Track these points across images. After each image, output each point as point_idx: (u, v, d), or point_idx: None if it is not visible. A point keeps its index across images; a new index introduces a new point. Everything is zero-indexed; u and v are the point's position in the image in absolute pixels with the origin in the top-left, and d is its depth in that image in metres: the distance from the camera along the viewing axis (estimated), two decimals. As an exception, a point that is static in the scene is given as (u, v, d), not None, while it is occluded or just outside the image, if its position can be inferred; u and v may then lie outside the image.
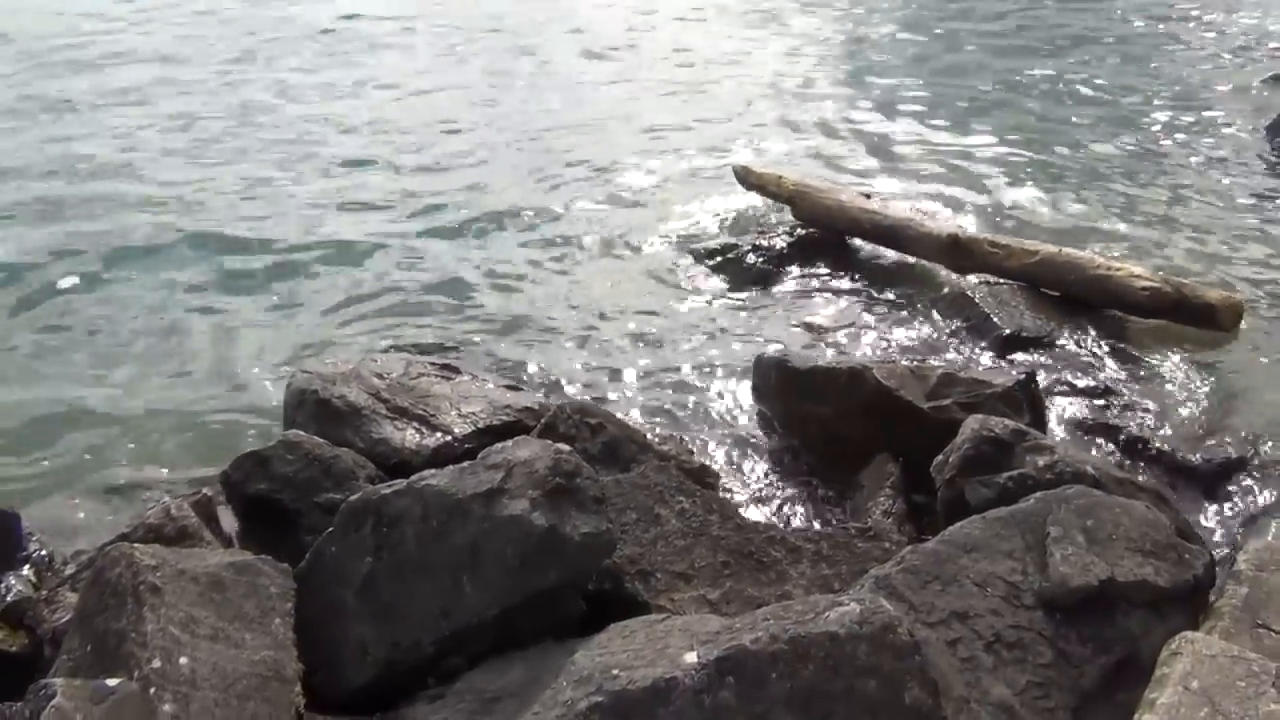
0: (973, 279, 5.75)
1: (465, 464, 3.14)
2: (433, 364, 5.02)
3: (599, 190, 7.75)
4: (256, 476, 3.97)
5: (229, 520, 4.02)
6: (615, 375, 5.29)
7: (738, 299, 6.01)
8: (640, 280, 6.30)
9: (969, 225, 6.57)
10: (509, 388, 4.94)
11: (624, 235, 6.89)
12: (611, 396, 5.08)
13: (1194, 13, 12.05)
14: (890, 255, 6.27)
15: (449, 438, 4.31)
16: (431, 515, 3.03)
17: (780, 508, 4.19)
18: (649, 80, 10.45)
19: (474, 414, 4.47)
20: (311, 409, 4.43)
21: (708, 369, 5.32)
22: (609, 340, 5.62)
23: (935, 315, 5.55)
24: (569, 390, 5.14)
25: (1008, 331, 5.16)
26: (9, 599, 3.53)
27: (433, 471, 3.15)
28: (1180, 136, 8.24)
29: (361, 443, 4.25)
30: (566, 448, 3.15)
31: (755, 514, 4.10)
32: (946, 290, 5.71)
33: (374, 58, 11.68)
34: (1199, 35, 11.24)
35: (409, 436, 4.31)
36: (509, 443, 3.18)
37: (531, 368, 5.36)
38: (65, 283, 6.41)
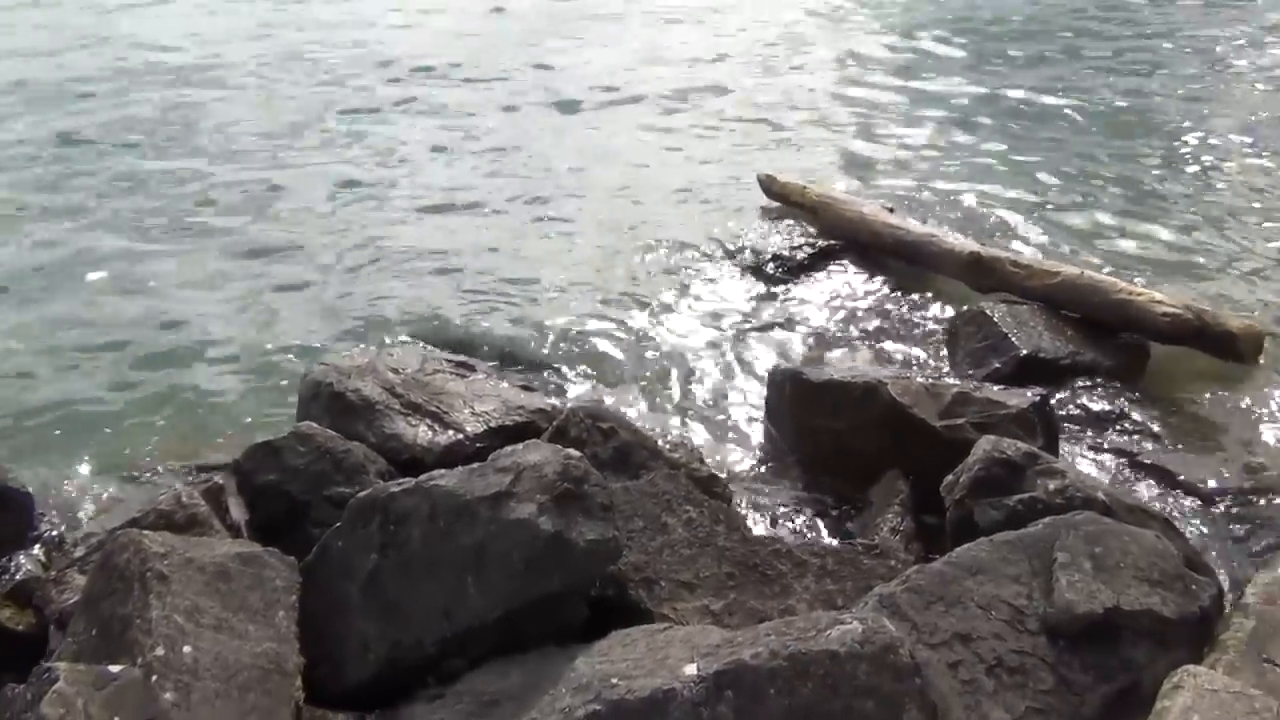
0: (993, 298, 5.72)
1: (475, 465, 3.16)
2: (449, 360, 5.05)
3: (618, 194, 7.75)
4: (267, 467, 3.99)
5: (239, 509, 4.05)
6: (630, 380, 5.29)
7: (756, 308, 6.00)
8: (659, 286, 6.29)
9: (991, 243, 6.52)
10: (523, 388, 4.96)
11: (643, 242, 6.88)
12: (625, 401, 5.08)
13: (1220, 26, 11.98)
14: (911, 270, 6.24)
15: (460, 436, 4.33)
16: (439, 515, 3.04)
17: (788, 520, 4.19)
18: (673, 85, 10.42)
19: (487, 413, 4.48)
20: (325, 402, 4.46)
21: (723, 378, 5.33)
22: (625, 344, 5.62)
23: (954, 333, 5.52)
24: (583, 393, 5.16)
25: (1025, 352, 5.12)
26: (18, 578, 3.58)
27: (442, 471, 3.17)
28: (1206, 160, 8.15)
29: (374, 437, 4.28)
30: (576, 453, 3.16)
31: (762, 526, 4.10)
32: (966, 308, 5.67)
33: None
34: (1233, 52, 11.17)
35: (421, 433, 4.33)
36: (519, 446, 3.20)
37: (547, 369, 5.38)
38: (93, 276, 6.49)
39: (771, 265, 6.43)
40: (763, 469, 4.58)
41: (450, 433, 4.35)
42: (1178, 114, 9.40)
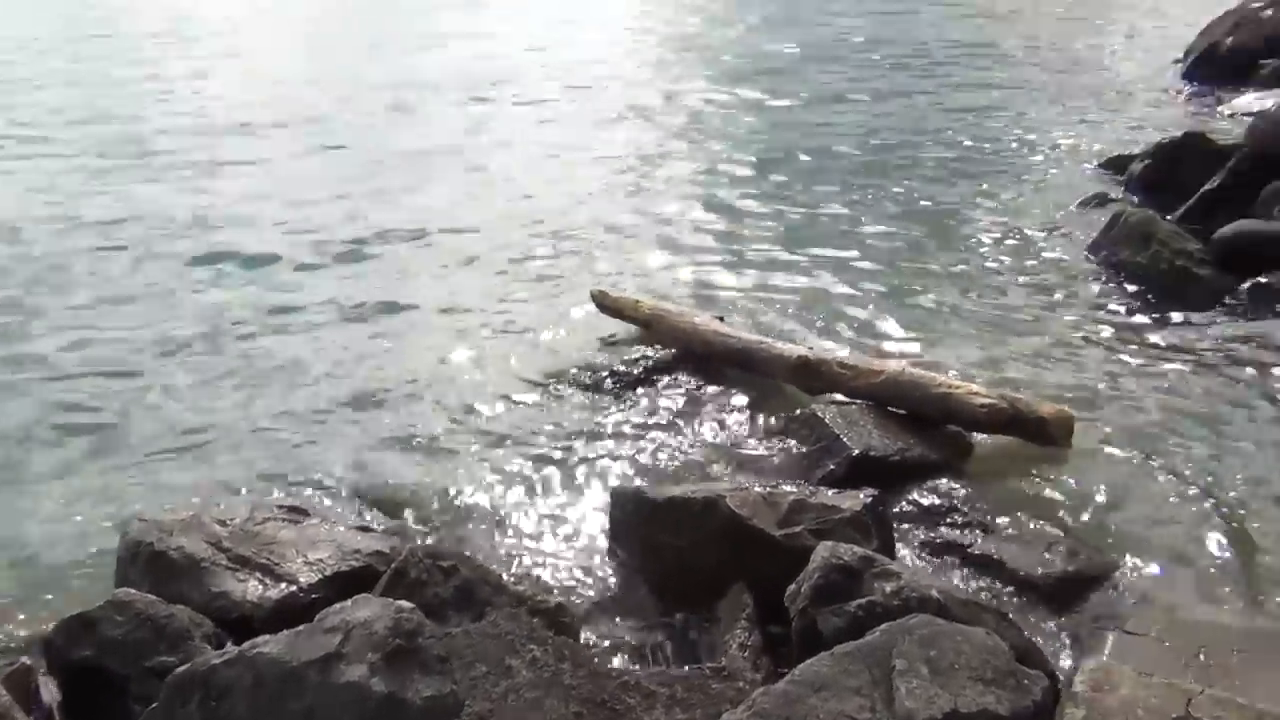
0: (824, 399, 5.90)
1: (301, 627, 3.03)
2: (280, 506, 4.88)
3: (446, 312, 7.71)
4: (81, 641, 3.72)
5: (51, 691, 3.75)
6: (470, 511, 5.18)
7: (596, 427, 6.00)
8: (495, 410, 6.24)
9: (817, 345, 6.76)
10: (360, 529, 4.82)
11: (476, 369, 6.83)
12: (466, 535, 4.98)
13: (1016, 134, 12.92)
14: (745, 377, 6.38)
15: (294, 588, 4.15)
16: (265, 684, 2.89)
17: (638, 646, 4.13)
18: (500, 209, 10.51)
19: (321, 560, 4.32)
20: (145, 563, 4.23)
21: (567, 501, 5.28)
22: (463, 473, 5.53)
23: (788, 437, 5.65)
24: (422, 529, 5.03)
25: (857, 452, 5.27)
26: None
27: (266, 638, 3.02)
28: (1007, 259, 8.62)
29: (199, 597, 4.07)
30: (408, 605, 3.06)
31: (612, 655, 4.05)
32: (799, 411, 5.83)
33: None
34: (1023, 157, 12.04)
35: (251, 588, 4.13)
36: (348, 602, 3.08)
37: (383, 505, 5.23)
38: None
39: (609, 381, 6.48)
40: (611, 593, 4.53)
41: (282, 585, 4.16)
42: (981, 208, 10.06)
